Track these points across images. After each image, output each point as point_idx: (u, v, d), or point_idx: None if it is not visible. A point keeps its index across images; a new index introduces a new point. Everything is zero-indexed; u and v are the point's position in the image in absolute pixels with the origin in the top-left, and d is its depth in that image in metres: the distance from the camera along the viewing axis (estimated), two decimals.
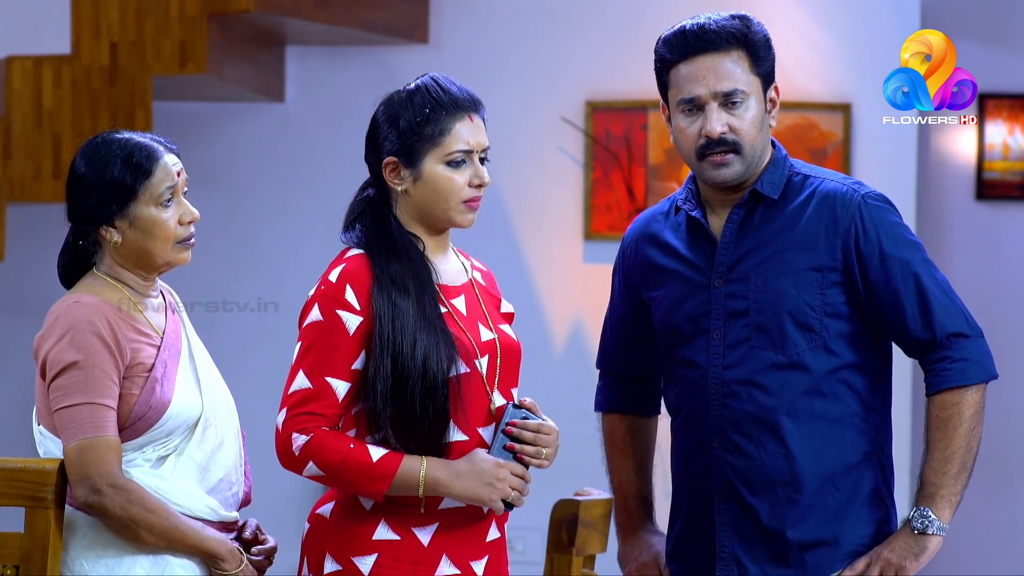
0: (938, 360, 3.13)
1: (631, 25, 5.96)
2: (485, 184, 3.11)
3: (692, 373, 3.19)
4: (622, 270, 3.38)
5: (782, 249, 3.15)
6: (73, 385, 2.96)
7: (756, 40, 3.15)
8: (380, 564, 3.04)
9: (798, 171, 3.22)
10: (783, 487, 3.13)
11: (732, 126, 3.12)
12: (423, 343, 3.02)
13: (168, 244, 3.08)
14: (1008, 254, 6.28)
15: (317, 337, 3.04)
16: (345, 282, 3.06)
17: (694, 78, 3.14)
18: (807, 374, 3.13)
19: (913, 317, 3.13)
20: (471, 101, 3.12)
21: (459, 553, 3.07)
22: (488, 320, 3.14)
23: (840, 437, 3.16)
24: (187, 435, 3.07)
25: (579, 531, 3.24)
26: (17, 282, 6.08)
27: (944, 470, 3.11)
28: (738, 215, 3.18)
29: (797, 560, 3.14)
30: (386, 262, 3.08)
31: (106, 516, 2.96)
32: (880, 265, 3.13)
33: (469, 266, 3.21)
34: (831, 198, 3.16)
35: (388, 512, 3.06)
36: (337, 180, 6.04)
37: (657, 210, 3.35)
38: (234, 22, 5.57)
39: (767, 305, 3.14)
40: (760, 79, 3.16)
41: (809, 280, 3.14)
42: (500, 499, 3.01)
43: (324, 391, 3.02)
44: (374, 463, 3.00)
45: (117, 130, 3.14)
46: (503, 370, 3.12)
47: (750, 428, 3.14)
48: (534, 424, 3.05)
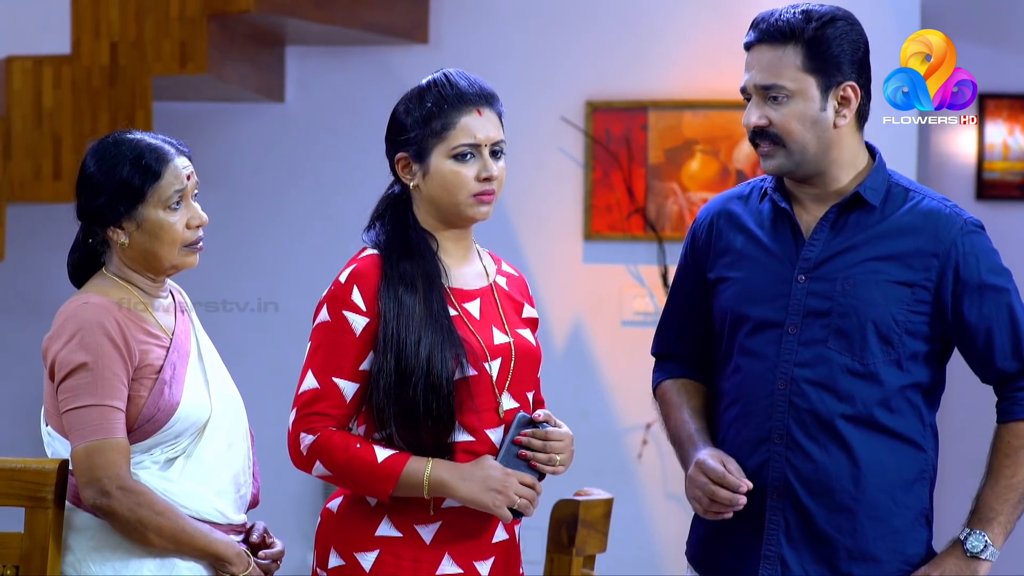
0: (1019, 389, 3.14)
1: (631, 25, 5.96)
2: (493, 177, 3.11)
3: (758, 364, 3.14)
4: (692, 248, 3.30)
5: (875, 257, 3.12)
6: (82, 387, 2.96)
7: (816, 36, 3.10)
8: (381, 560, 3.05)
9: (898, 182, 3.19)
10: (842, 494, 3.10)
11: (772, 119, 3.10)
12: (428, 341, 3.02)
13: (175, 248, 3.08)
14: (1008, 254, 6.22)
15: (325, 338, 3.06)
16: (353, 283, 3.08)
17: (748, 68, 3.14)
18: (879, 386, 3.10)
19: (1003, 347, 3.13)
20: (480, 95, 3.12)
21: (462, 552, 3.07)
22: (505, 324, 3.14)
23: (902, 453, 3.13)
24: (196, 437, 3.06)
25: (579, 531, 3.24)
26: (17, 282, 6.08)
27: (1006, 497, 3.11)
28: (833, 213, 3.15)
29: (844, 570, 3.11)
30: (397, 261, 3.09)
31: (115, 518, 2.96)
32: (977, 293, 3.12)
33: (494, 270, 3.21)
34: (933, 217, 3.14)
35: (392, 509, 3.06)
36: (337, 180, 6.05)
37: (736, 192, 3.30)
38: (234, 22, 5.57)
39: (852, 310, 3.10)
40: (818, 77, 3.11)
41: (899, 294, 3.11)
42: (506, 507, 3.02)
43: (331, 391, 3.04)
44: (379, 464, 3.00)
45: (130, 130, 3.13)
46: (517, 374, 3.11)
47: (815, 430, 3.10)
48: (542, 432, 3.06)
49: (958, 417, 5.21)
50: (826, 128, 3.12)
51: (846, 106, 3.13)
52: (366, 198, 3.29)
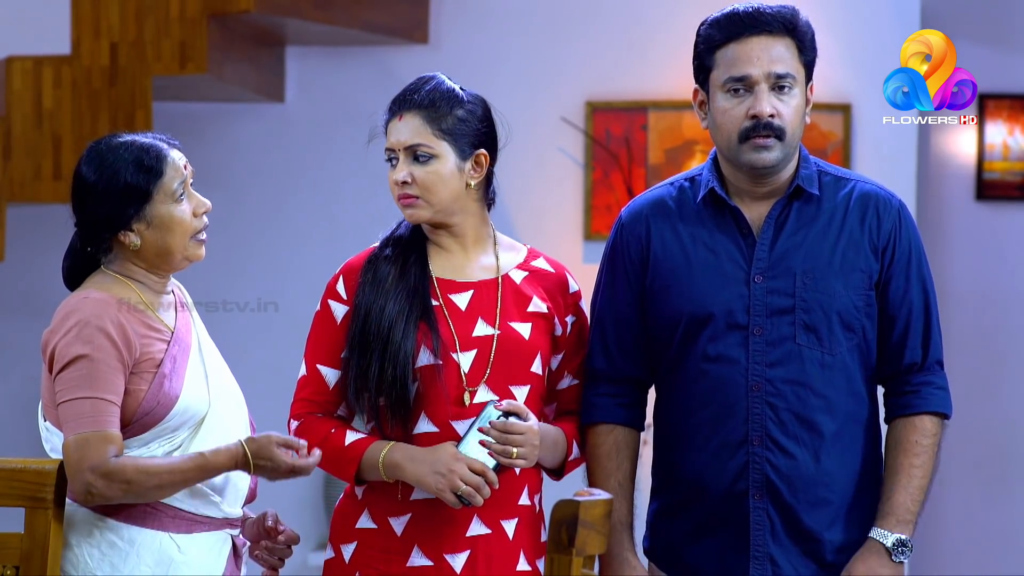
0: (923, 383, 3.15)
1: (631, 25, 5.96)
2: (400, 182, 3.14)
3: (726, 369, 3.13)
4: (622, 257, 3.24)
5: (828, 248, 3.13)
6: (78, 379, 2.96)
7: (804, 32, 3.14)
8: (358, 552, 3.12)
9: (824, 170, 3.21)
10: (823, 488, 3.12)
11: (778, 110, 3.10)
12: (393, 307, 3.10)
13: (186, 238, 3.11)
14: (1008, 254, 6.27)
15: (314, 326, 3.19)
16: (341, 273, 3.20)
17: (746, 57, 3.10)
18: (846, 375, 3.13)
19: (915, 335, 3.14)
20: (401, 100, 3.18)
21: (432, 545, 3.09)
22: (497, 316, 3.15)
23: (866, 440, 3.17)
24: (193, 431, 3.07)
25: (579, 531, 3.24)
26: (17, 282, 6.08)
27: (919, 497, 3.12)
28: (777, 209, 3.16)
29: (832, 561, 3.13)
30: (384, 247, 3.19)
31: (113, 501, 2.96)
32: (905, 278, 3.14)
33: (514, 264, 3.23)
34: (872, 200, 3.17)
35: (370, 501, 3.13)
36: (337, 180, 6.05)
37: (663, 193, 3.26)
38: (234, 22, 5.57)
39: (816, 304, 3.11)
40: (804, 71, 3.14)
41: (856, 280, 3.13)
42: (450, 490, 3.02)
43: (315, 378, 3.16)
44: (345, 446, 3.09)
45: (117, 134, 3.14)
46: (498, 365, 3.13)
47: (795, 427, 3.11)
48: (501, 423, 3.06)
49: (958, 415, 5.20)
50: (804, 122, 3.16)
51: (808, 104, 3.18)
52: (366, 198, 3.31)
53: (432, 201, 3.13)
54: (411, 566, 3.09)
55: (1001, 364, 5.78)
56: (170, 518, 3.03)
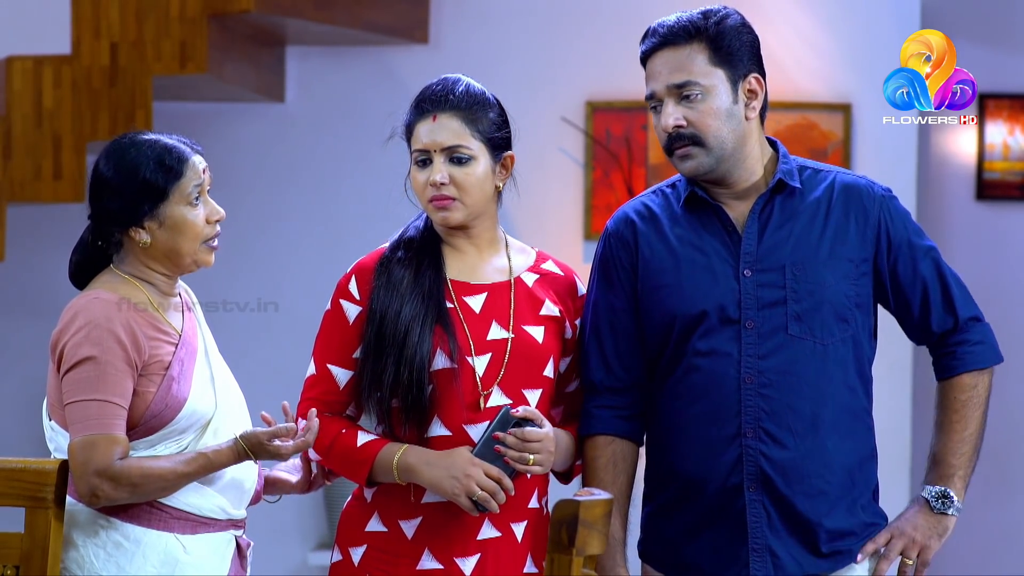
0: (958, 343, 3.20)
1: (631, 25, 5.93)
2: (436, 183, 3.11)
3: (718, 363, 3.15)
4: (612, 265, 3.27)
5: (815, 240, 3.16)
6: (86, 380, 2.96)
7: (718, 31, 3.14)
8: (368, 555, 3.11)
9: (804, 165, 3.24)
10: (817, 478, 3.14)
11: (689, 119, 3.13)
12: (409, 310, 3.08)
13: (196, 243, 3.12)
14: (1008, 254, 6.28)
15: (324, 326, 3.16)
16: (352, 273, 3.17)
17: (652, 75, 3.17)
18: (841, 366, 3.15)
19: (937, 303, 3.19)
20: (435, 100, 3.14)
21: (443, 548, 3.09)
22: (511, 320, 3.15)
23: (859, 431, 3.19)
24: (200, 433, 3.07)
25: (579, 531, 3.24)
26: (17, 282, 6.08)
27: (962, 451, 3.18)
28: (759, 204, 3.18)
29: (829, 550, 3.16)
30: (397, 249, 3.17)
31: (119, 503, 2.97)
32: (909, 254, 3.18)
33: (525, 266, 3.23)
34: (854, 190, 3.20)
35: (381, 504, 3.11)
36: (337, 180, 6.04)
37: (646, 200, 3.32)
38: (234, 22, 5.57)
39: (806, 295, 3.14)
40: (726, 70, 3.15)
41: (845, 270, 3.16)
42: (466, 495, 3.02)
43: (325, 377, 3.13)
44: (358, 447, 3.07)
45: (141, 131, 3.17)
46: (512, 369, 3.13)
47: (788, 418, 3.13)
48: (519, 431, 3.06)
49: None
50: (739, 121, 3.16)
51: (754, 98, 3.18)
52: (366, 198, 3.31)
53: (468, 203, 3.12)
54: (421, 569, 3.08)
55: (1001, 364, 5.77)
56: (175, 519, 3.04)
